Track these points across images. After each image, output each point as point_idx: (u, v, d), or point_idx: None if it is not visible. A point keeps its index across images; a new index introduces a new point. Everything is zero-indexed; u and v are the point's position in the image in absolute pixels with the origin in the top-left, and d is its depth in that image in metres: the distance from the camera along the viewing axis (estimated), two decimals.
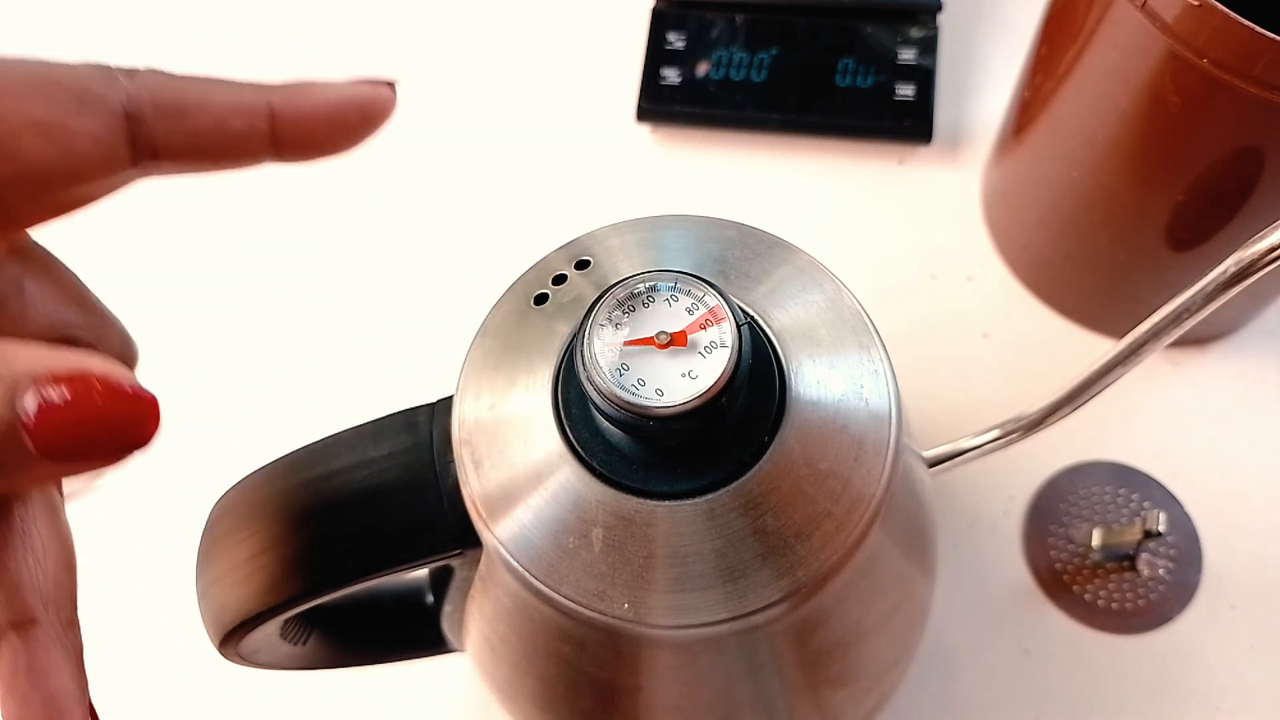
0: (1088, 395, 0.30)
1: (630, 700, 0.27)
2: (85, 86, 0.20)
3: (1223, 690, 0.40)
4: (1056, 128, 0.41)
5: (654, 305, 0.23)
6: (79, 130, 0.20)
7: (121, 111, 0.21)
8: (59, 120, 0.20)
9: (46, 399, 0.16)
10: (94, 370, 0.17)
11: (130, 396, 0.18)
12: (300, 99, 0.22)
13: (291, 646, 0.31)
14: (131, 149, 0.21)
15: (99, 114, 0.20)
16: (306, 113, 0.22)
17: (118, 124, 0.21)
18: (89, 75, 0.21)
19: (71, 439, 0.17)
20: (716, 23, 0.53)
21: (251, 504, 0.27)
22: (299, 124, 0.22)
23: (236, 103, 0.22)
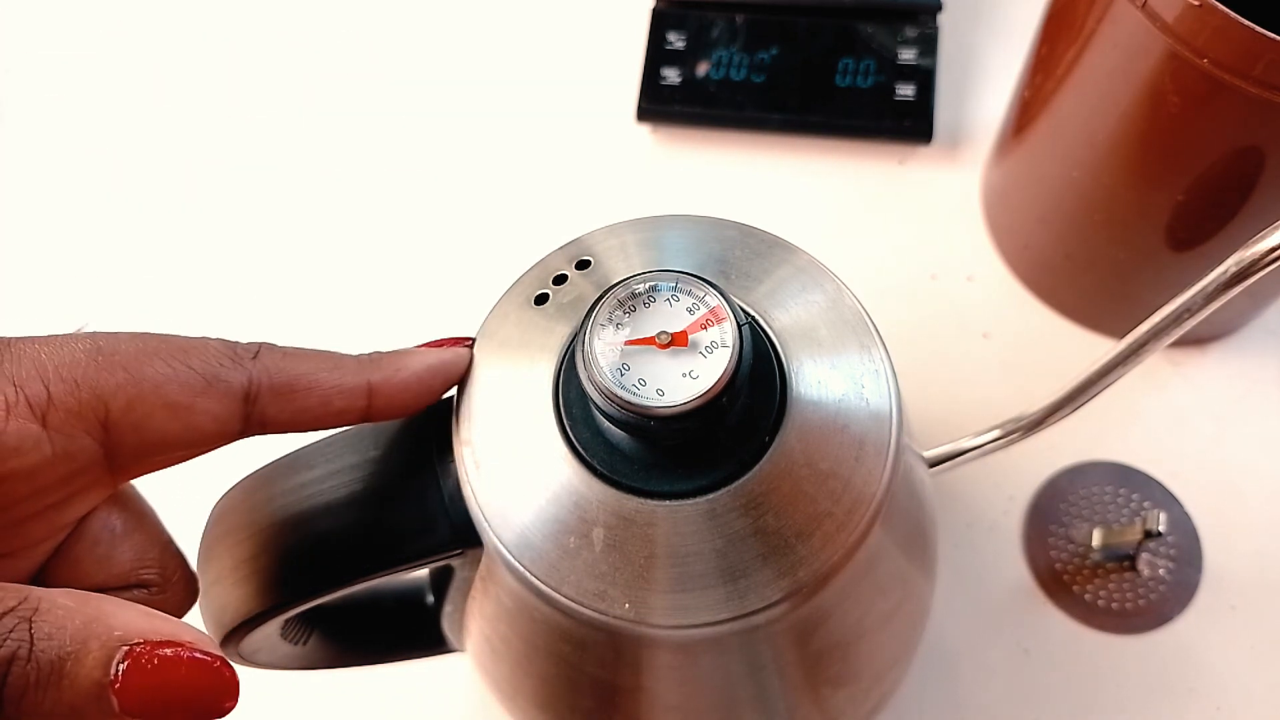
0: (1088, 395, 0.30)
1: (631, 700, 0.27)
2: (215, 372, 0.23)
3: (1223, 690, 0.40)
4: (1056, 128, 0.41)
5: (655, 305, 0.23)
6: (204, 410, 0.22)
7: (243, 394, 0.23)
8: (189, 402, 0.22)
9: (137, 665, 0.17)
10: (184, 640, 0.18)
11: (213, 670, 0.18)
12: (395, 375, 0.24)
13: (291, 646, 0.31)
14: (243, 423, 0.23)
15: (223, 397, 0.22)
16: (399, 389, 0.24)
17: (238, 405, 0.23)
18: (219, 356, 0.23)
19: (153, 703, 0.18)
20: (716, 23, 0.53)
21: (252, 504, 0.27)
22: (393, 398, 0.24)
23: (341, 385, 0.24)
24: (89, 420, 0.21)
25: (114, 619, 0.18)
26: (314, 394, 0.24)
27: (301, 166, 0.54)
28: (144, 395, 0.22)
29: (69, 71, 0.58)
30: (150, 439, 0.22)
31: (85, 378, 0.21)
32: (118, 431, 0.22)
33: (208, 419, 0.22)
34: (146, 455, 0.23)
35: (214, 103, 0.57)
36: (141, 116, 0.57)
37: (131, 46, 0.59)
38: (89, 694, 0.17)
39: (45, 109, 0.57)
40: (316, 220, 0.53)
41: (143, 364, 0.22)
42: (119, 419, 0.22)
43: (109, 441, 0.22)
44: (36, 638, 0.17)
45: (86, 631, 0.17)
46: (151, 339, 0.23)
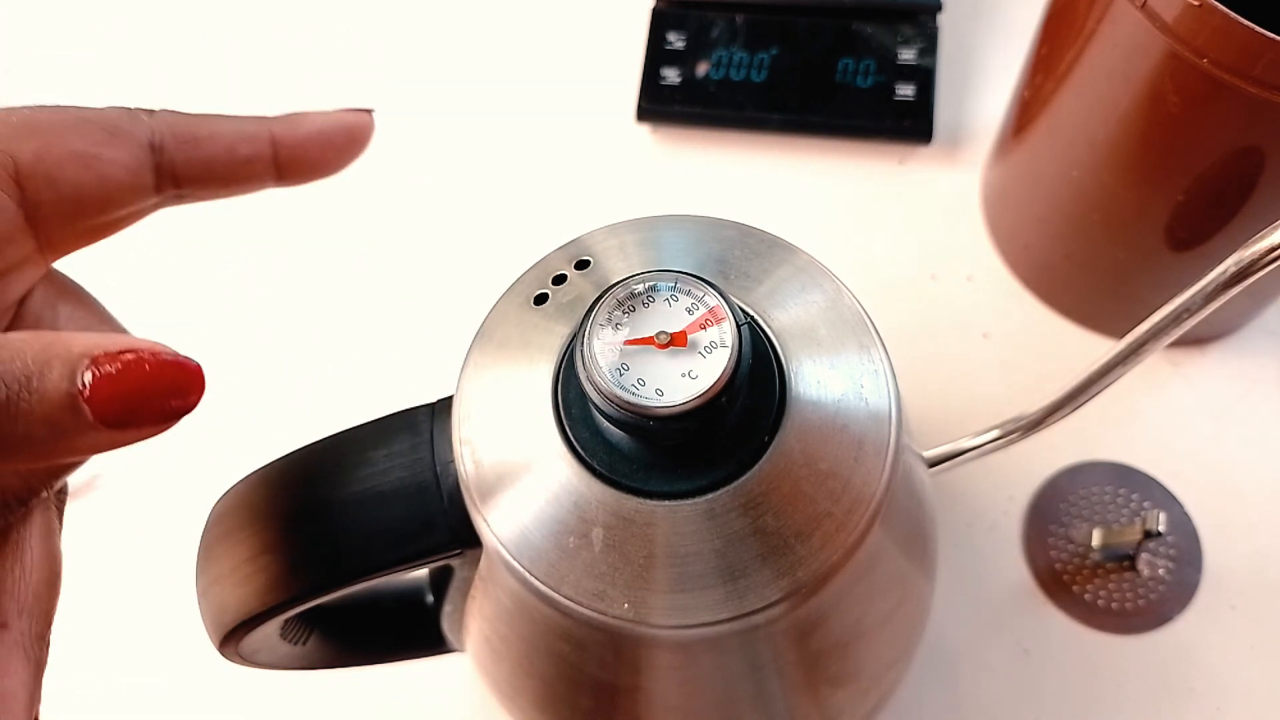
0: (1088, 395, 0.30)
1: (630, 700, 0.27)
2: (115, 123, 0.23)
3: (1223, 690, 0.40)
4: (1056, 128, 0.41)
5: (654, 305, 0.23)
6: (111, 159, 0.23)
7: (147, 143, 0.24)
8: (94, 151, 0.23)
9: (102, 371, 0.18)
10: (142, 347, 0.19)
11: (176, 365, 0.20)
12: (296, 126, 0.26)
13: (291, 646, 0.31)
14: (155, 176, 0.24)
15: (128, 145, 0.23)
16: (302, 138, 0.26)
17: (144, 153, 0.24)
18: (118, 114, 0.24)
19: (124, 405, 0.19)
20: (716, 23, 0.53)
21: (251, 504, 0.27)
22: (297, 148, 0.26)
23: (243, 132, 0.25)
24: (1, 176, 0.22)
25: (72, 341, 0.19)
26: (218, 142, 0.25)
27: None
28: (50, 146, 0.22)
29: (69, 71, 0.58)
30: (66, 194, 0.23)
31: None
32: (32, 185, 0.23)
33: (117, 168, 0.23)
34: (67, 216, 0.23)
35: (214, 104, 0.57)
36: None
37: (131, 46, 0.59)
38: (61, 405, 0.18)
39: None
40: (316, 220, 0.53)
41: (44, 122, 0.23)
42: (30, 171, 0.22)
43: (26, 200, 0.23)
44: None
45: (47, 352, 0.18)
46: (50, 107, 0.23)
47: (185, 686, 0.43)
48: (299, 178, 0.26)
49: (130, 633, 0.44)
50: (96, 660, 0.44)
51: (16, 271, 0.23)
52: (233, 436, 0.47)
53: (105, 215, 0.24)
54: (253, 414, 0.48)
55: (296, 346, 0.50)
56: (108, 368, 0.18)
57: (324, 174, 0.27)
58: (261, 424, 0.47)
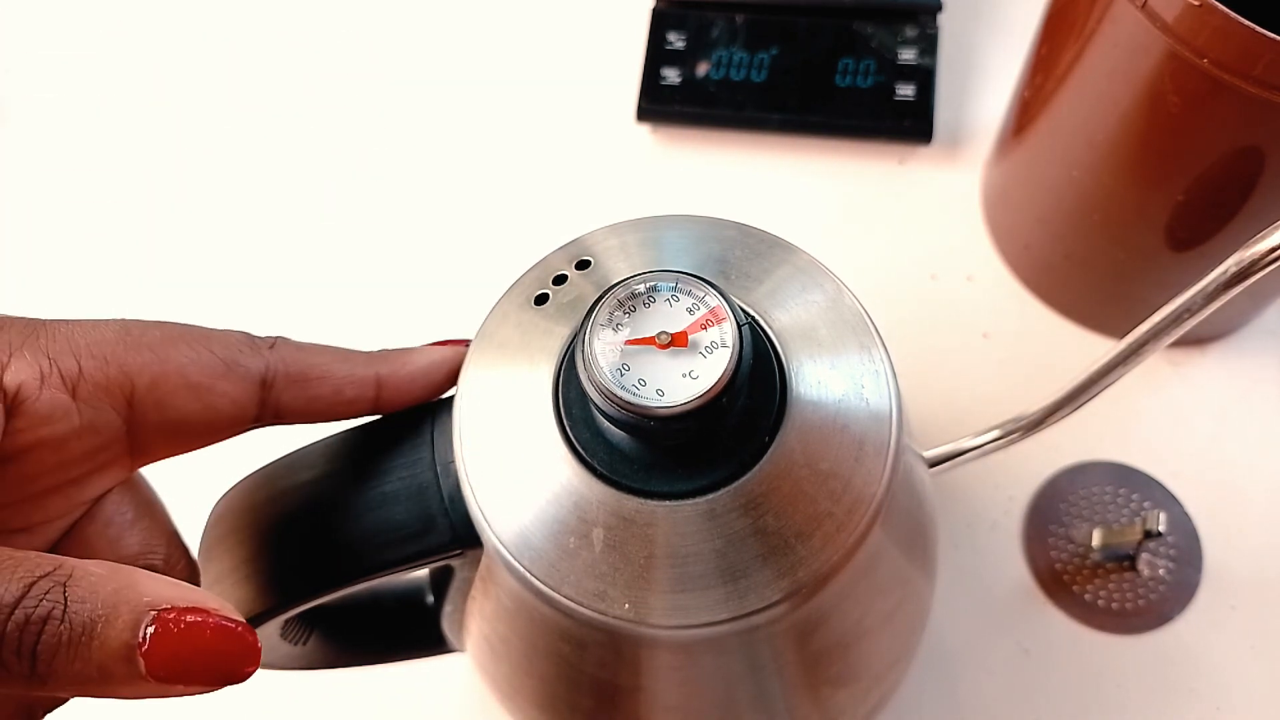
0: (1088, 395, 0.30)
1: (631, 700, 0.27)
2: (234, 357, 0.24)
3: (1223, 690, 0.40)
4: (1056, 128, 0.41)
5: (654, 305, 0.23)
6: (223, 393, 0.24)
7: (260, 380, 0.24)
8: (209, 384, 0.24)
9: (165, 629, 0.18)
10: (209, 607, 0.19)
11: (236, 635, 0.20)
12: (402, 369, 0.26)
13: (291, 646, 0.31)
14: (259, 409, 0.25)
15: (242, 381, 0.24)
16: (405, 381, 0.26)
17: (255, 390, 0.24)
18: (239, 344, 0.24)
19: (179, 666, 0.19)
20: (716, 23, 0.53)
21: (252, 504, 0.27)
22: (399, 390, 0.26)
23: (352, 375, 0.26)
24: (115, 395, 0.23)
25: (143, 586, 0.19)
26: (327, 383, 0.25)
27: (302, 166, 0.55)
28: (168, 375, 0.23)
29: (69, 71, 0.58)
30: (171, 418, 0.23)
31: (114, 355, 0.23)
32: (141, 408, 0.23)
33: (226, 401, 0.24)
34: (167, 436, 0.24)
35: (214, 104, 0.57)
36: (142, 115, 0.57)
37: (132, 46, 0.59)
38: (117, 655, 0.18)
39: (46, 109, 0.57)
40: (317, 220, 0.53)
41: (168, 347, 0.23)
42: (143, 396, 0.23)
43: (133, 418, 0.23)
44: (70, 600, 0.18)
45: (117, 597, 0.18)
46: (177, 326, 0.24)
47: (176, 698, 0.43)
48: (392, 410, 0.27)
49: None
50: None
51: (102, 472, 0.24)
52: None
53: (203, 438, 0.25)
54: None
55: None
56: (172, 626, 0.18)
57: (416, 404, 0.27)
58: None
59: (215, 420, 0.24)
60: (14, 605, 0.18)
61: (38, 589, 0.18)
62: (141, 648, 0.18)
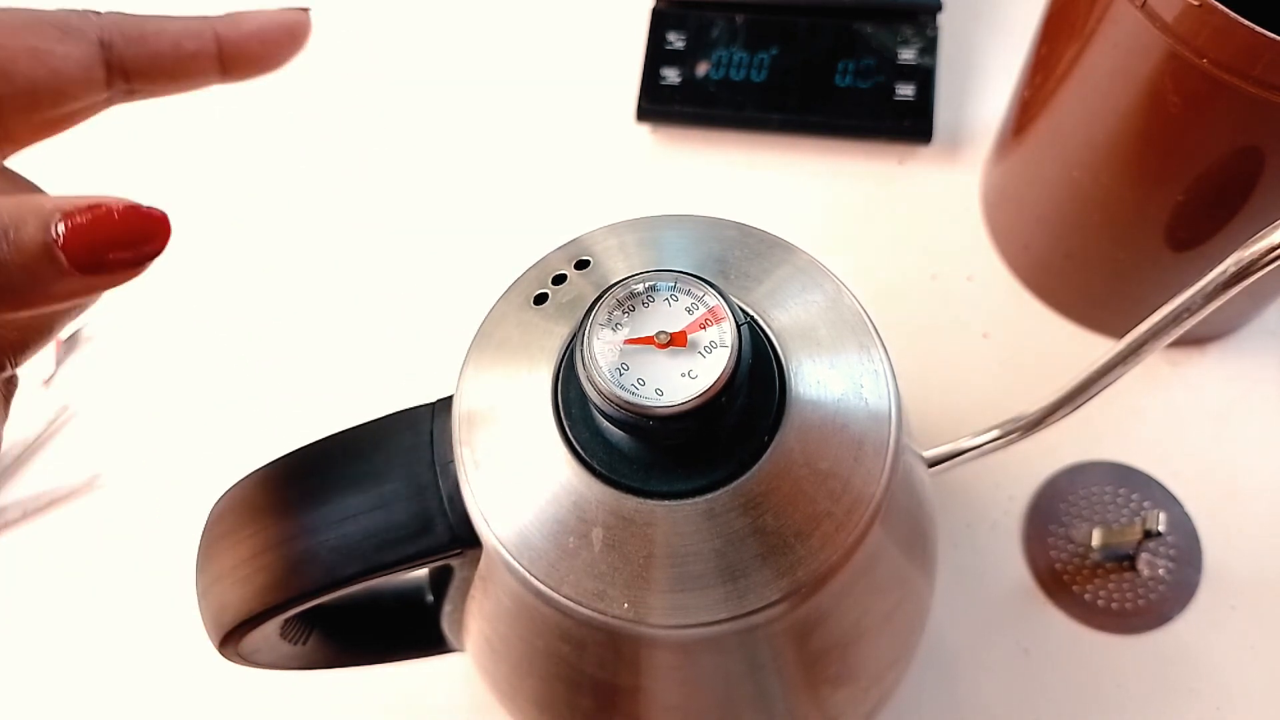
0: (1088, 395, 0.30)
1: (630, 700, 0.27)
2: (66, 21, 0.25)
3: (1223, 690, 0.40)
4: (1056, 128, 0.41)
5: (654, 305, 0.23)
6: (64, 53, 0.25)
7: (97, 39, 0.25)
8: (47, 47, 0.24)
9: (74, 223, 0.20)
10: (109, 200, 0.21)
11: (142, 213, 0.21)
12: (238, 24, 0.27)
13: (291, 646, 0.31)
14: (106, 71, 0.25)
15: (79, 41, 0.25)
16: (244, 35, 0.27)
17: (94, 49, 0.25)
18: (68, 15, 0.25)
19: (96, 251, 0.20)
20: (716, 23, 0.53)
21: (251, 504, 0.27)
22: (239, 44, 0.27)
23: (188, 29, 0.26)
24: None
25: (43, 198, 0.20)
26: (164, 37, 0.26)
27: (302, 165, 0.55)
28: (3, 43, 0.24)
29: None
30: (20, 86, 0.24)
31: None
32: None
33: (70, 63, 0.25)
34: (22, 109, 0.25)
35: (214, 102, 0.57)
36: (142, 115, 0.57)
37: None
38: (37, 254, 0.19)
39: None
40: (316, 219, 0.53)
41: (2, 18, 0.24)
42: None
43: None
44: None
45: (21, 209, 0.20)
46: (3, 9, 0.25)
47: (185, 686, 0.43)
48: (242, 73, 0.28)
49: (130, 633, 0.44)
50: (97, 660, 0.44)
51: None
52: (232, 436, 0.47)
53: (59, 108, 0.25)
54: (253, 414, 0.48)
55: (297, 346, 0.50)
56: (79, 219, 0.20)
57: (265, 70, 0.28)
58: (261, 424, 0.47)
59: (65, 84, 0.25)
60: None
61: None
62: (58, 243, 0.19)
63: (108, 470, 0.47)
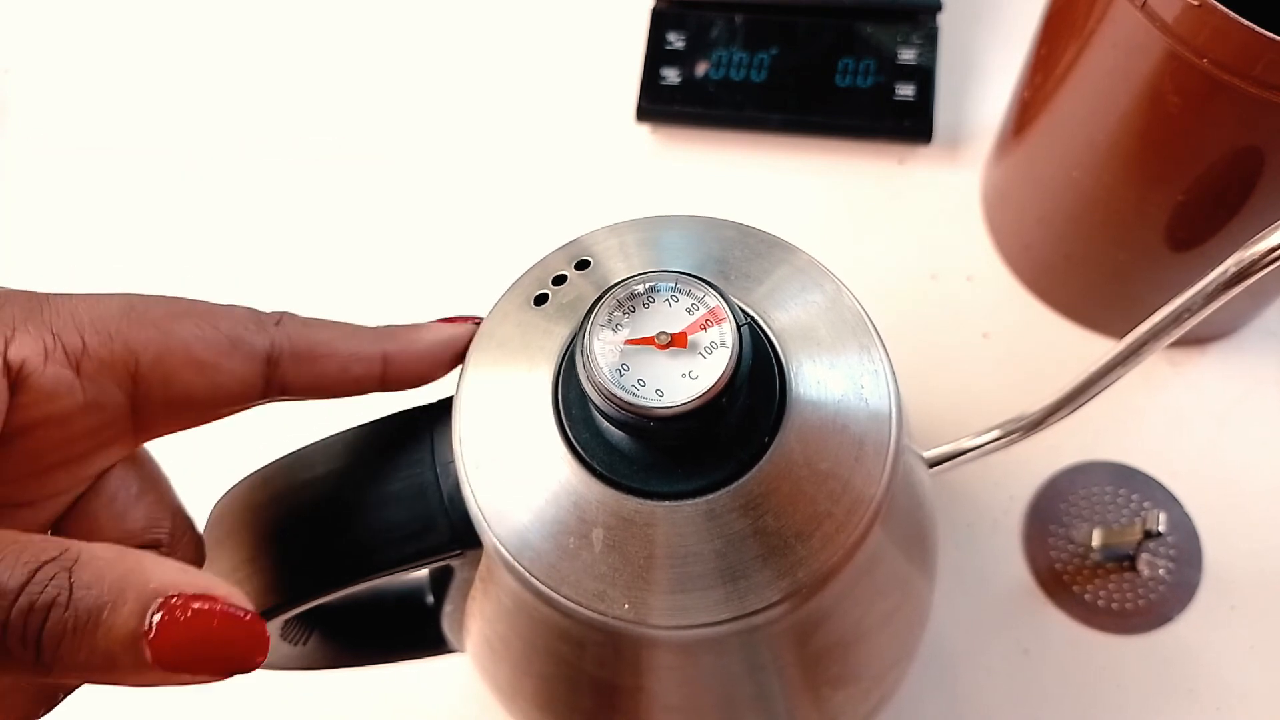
0: (1088, 395, 0.30)
1: (630, 701, 0.27)
2: (240, 334, 0.24)
3: (1223, 690, 0.40)
4: (1056, 128, 0.41)
5: (654, 305, 0.23)
6: (228, 370, 0.24)
7: (265, 357, 0.24)
8: (214, 361, 0.23)
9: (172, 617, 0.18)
10: (217, 594, 0.19)
11: (244, 624, 0.19)
12: (410, 346, 0.26)
13: (291, 646, 0.31)
14: (265, 385, 0.24)
15: (247, 359, 0.24)
16: (413, 359, 0.26)
17: (260, 367, 0.24)
18: (244, 320, 0.24)
19: (185, 655, 0.18)
20: (716, 23, 0.53)
21: (251, 505, 0.27)
22: (406, 367, 0.26)
23: (359, 352, 0.25)
24: (119, 371, 0.22)
25: (150, 572, 0.18)
26: (333, 360, 0.25)
27: (302, 164, 0.55)
28: (173, 351, 0.23)
29: (70, 71, 0.58)
30: (176, 395, 0.23)
31: (119, 331, 0.22)
32: (146, 385, 0.23)
33: (231, 378, 0.24)
34: (171, 412, 0.24)
35: (215, 106, 0.57)
36: (143, 115, 0.57)
37: (132, 45, 0.59)
38: (123, 643, 0.18)
39: (46, 108, 0.57)
40: (317, 219, 0.53)
41: (172, 322, 0.23)
42: (148, 372, 0.23)
43: (137, 394, 0.23)
44: (76, 586, 0.18)
45: (124, 582, 0.18)
46: (183, 302, 0.24)
47: (185, 686, 0.43)
48: (399, 388, 0.26)
49: None
50: None
51: (105, 449, 0.24)
52: (233, 436, 0.47)
53: (207, 414, 0.24)
54: (253, 414, 0.48)
55: None
56: (179, 614, 0.18)
57: (424, 384, 0.27)
58: (261, 424, 0.47)
59: (220, 397, 0.24)
60: (19, 591, 0.17)
61: (43, 574, 0.18)
62: (148, 636, 0.18)
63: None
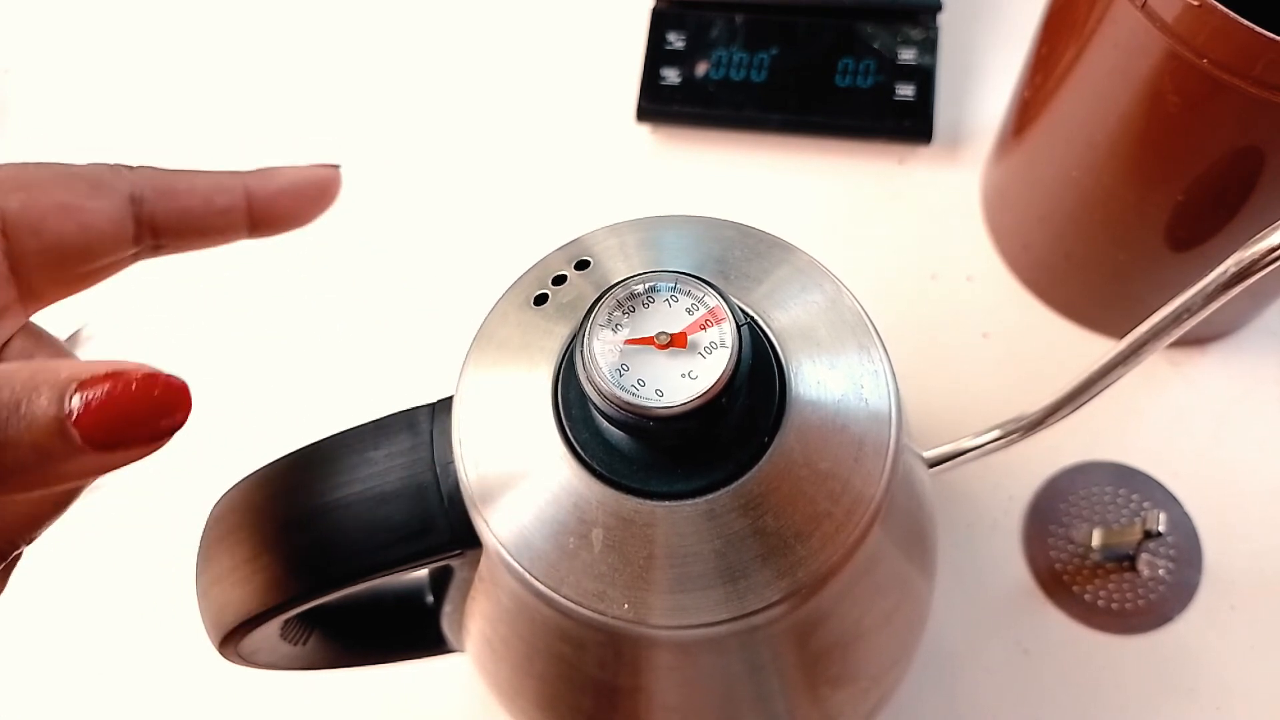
0: (1088, 395, 0.30)
1: (630, 701, 0.27)
2: (98, 176, 0.25)
3: (1223, 690, 0.40)
4: (1056, 128, 0.41)
5: (654, 306, 0.23)
6: (94, 209, 0.24)
7: (128, 194, 0.25)
8: (78, 202, 0.24)
9: (89, 395, 0.18)
10: (128, 368, 0.19)
11: (161, 384, 0.19)
12: (269, 180, 0.27)
13: (291, 646, 0.31)
14: (135, 226, 0.25)
15: (110, 196, 0.24)
16: (274, 191, 0.27)
17: (125, 204, 0.25)
18: (101, 169, 0.25)
19: (112, 426, 0.19)
20: (716, 23, 0.53)
21: (251, 504, 0.27)
22: (269, 200, 0.27)
23: (219, 184, 0.26)
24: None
25: (59, 367, 0.19)
26: (195, 194, 0.26)
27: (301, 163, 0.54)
28: (35, 198, 0.23)
29: (70, 71, 0.58)
30: (50, 243, 0.24)
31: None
32: (17, 235, 0.23)
33: (100, 218, 0.24)
34: (50, 266, 0.24)
35: (214, 104, 0.57)
36: (143, 115, 0.57)
37: (132, 45, 0.59)
38: (49, 430, 0.18)
39: (46, 108, 0.57)
40: (317, 219, 0.53)
41: (30, 177, 0.24)
42: (15, 221, 0.23)
43: (10, 250, 0.23)
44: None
45: (35, 379, 0.18)
46: (35, 163, 0.24)
47: (185, 686, 0.43)
48: (270, 229, 0.27)
49: (130, 633, 0.44)
50: (97, 661, 0.44)
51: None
52: (233, 437, 0.47)
53: (86, 265, 0.25)
54: (252, 414, 0.48)
55: (296, 346, 0.50)
56: (94, 391, 0.18)
57: (294, 226, 0.28)
58: (261, 424, 0.47)
59: (94, 241, 0.24)
60: None
61: None
62: (70, 418, 0.18)
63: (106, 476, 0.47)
